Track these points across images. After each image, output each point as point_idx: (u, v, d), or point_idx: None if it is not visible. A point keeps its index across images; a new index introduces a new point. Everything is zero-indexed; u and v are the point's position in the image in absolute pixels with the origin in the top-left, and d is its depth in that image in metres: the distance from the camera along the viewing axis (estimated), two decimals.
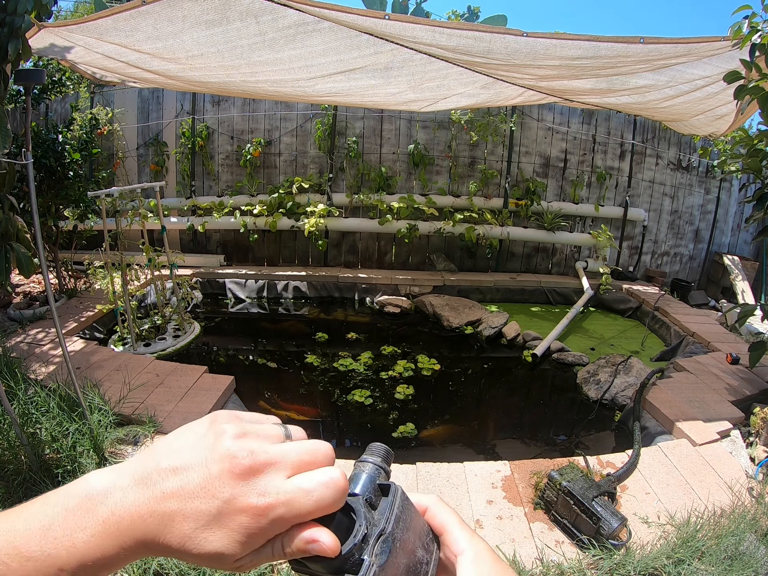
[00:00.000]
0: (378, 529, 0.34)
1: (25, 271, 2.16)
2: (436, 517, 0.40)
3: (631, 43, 2.41)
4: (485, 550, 0.38)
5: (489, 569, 0.38)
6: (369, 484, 0.38)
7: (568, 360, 4.20)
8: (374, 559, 0.33)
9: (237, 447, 0.32)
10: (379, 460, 0.41)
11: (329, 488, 0.32)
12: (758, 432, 2.75)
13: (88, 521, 0.31)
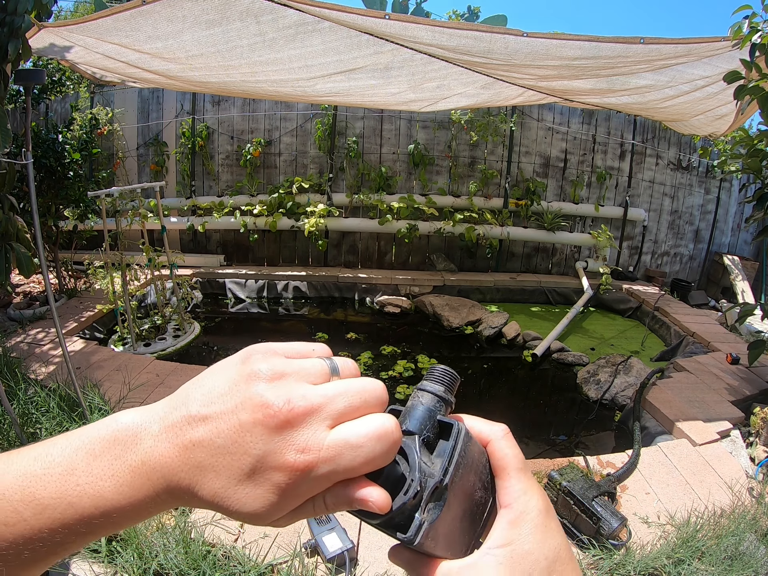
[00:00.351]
0: (434, 481, 0.30)
1: (25, 271, 2.16)
2: (495, 454, 0.34)
3: (631, 44, 2.41)
4: (534, 513, 0.32)
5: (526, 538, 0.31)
6: (427, 419, 0.33)
7: (568, 360, 4.20)
8: (426, 515, 0.29)
9: (271, 394, 0.27)
10: (441, 389, 0.35)
11: (380, 442, 0.28)
12: (758, 432, 2.75)
13: (117, 468, 0.28)
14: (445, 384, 0.35)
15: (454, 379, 0.36)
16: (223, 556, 1.77)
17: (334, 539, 1.81)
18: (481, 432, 0.35)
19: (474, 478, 0.32)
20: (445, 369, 0.37)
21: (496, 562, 0.30)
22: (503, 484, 0.33)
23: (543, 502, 0.33)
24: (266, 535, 1.89)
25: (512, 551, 0.31)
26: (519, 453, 0.34)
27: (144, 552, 1.73)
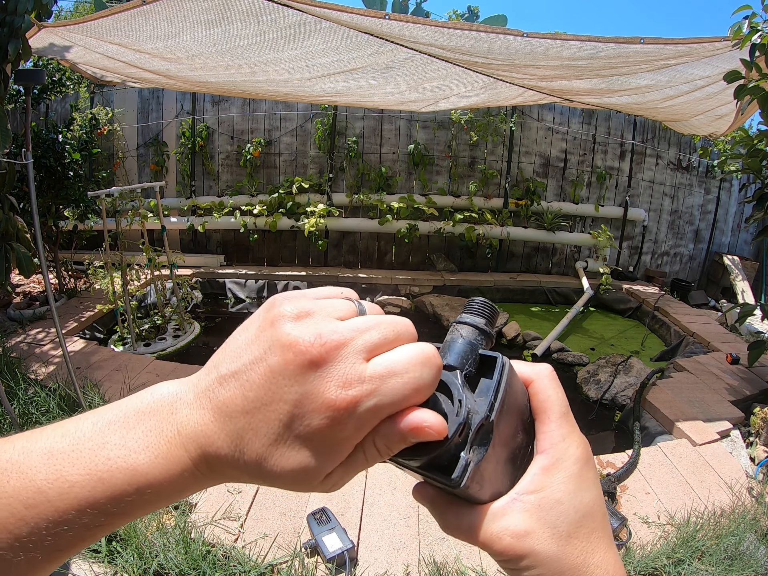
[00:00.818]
0: (480, 417, 0.28)
1: (25, 271, 2.16)
2: (538, 395, 0.32)
3: (631, 44, 2.41)
4: (571, 461, 0.30)
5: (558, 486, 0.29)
6: (470, 353, 0.30)
7: (568, 360, 4.20)
8: (471, 455, 0.27)
9: (299, 330, 0.25)
10: (482, 321, 0.32)
11: (425, 366, 0.26)
12: (758, 432, 2.75)
13: (152, 440, 0.26)
14: (486, 316, 0.33)
15: (495, 311, 0.34)
16: (223, 556, 1.77)
17: (334, 539, 1.81)
18: (522, 372, 0.33)
19: (516, 420, 0.31)
20: (485, 301, 0.34)
21: (523, 509, 0.29)
22: (543, 428, 0.31)
23: (583, 451, 0.31)
24: (266, 536, 1.90)
25: (541, 498, 0.29)
26: (563, 396, 0.32)
27: (144, 552, 1.73)
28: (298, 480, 0.26)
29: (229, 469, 0.26)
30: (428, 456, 0.27)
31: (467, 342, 0.31)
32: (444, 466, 0.27)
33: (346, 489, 2.17)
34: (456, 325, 0.33)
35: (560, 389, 0.32)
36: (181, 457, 0.26)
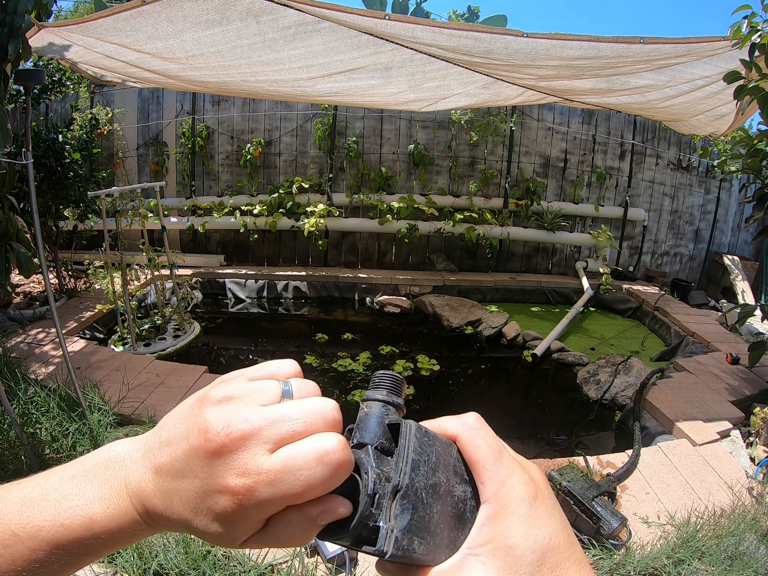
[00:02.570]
0: (391, 486, 0.28)
1: (25, 271, 2.16)
2: (466, 447, 0.32)
3: (631, 44, 2.41)
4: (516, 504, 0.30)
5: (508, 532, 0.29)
6: (377, 426, 0.31)
7: (568, 360, 4.20)
8: (393, 522, 0.27)
9: (214, 417, 0.27)
10: (384, 392, 0.34)
11: (321, 464, 0.26)
12: (758, 432, 2.75)
13: (105, 492, 0.30)
14: (387, 387, 0.34)
15: (396, 380, 0.35)
16: (223, 556, 1.77)
17: None
18: (447, 428, 0.33)
19: (446, 474, 0.31)
20: (385, 372, 0.35)
21: (479, 562, 0.29)
22: (480, 478, 0.31)
23: (527, 490, 0.30)
24: None
25: (494, 548, 0.29)
26: (492, 441, 0.32)
27: (144, 552, 1.73)
28: (217, 541, 0.28)
29: (165, 523, 0.30)
30: (347, 533, 0.28)
31: (374, 416, 0.32)
32: (372, 538, 0.28)
33: None
34: (363, 403, 0.34)
35: (488, 434, 0.32)
36: (128, 508, 0.30)
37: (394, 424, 0.32)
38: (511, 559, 0.29)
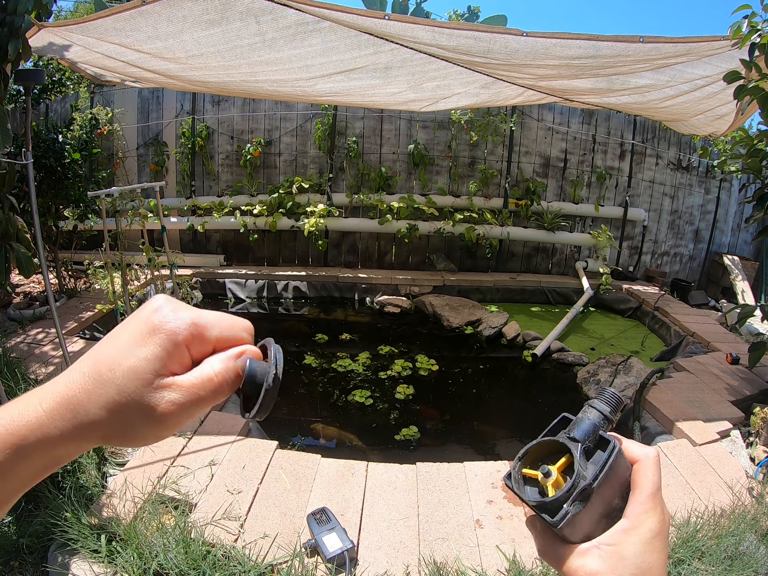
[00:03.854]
0: (585, 483, 0.37)
1: (25, 271, 2.16)
2: (638, 473, 0.40)
3: (630, 42, 2.41)
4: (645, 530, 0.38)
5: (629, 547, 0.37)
6: (591, 432, 0.40)
7: (568, 360, 4.20)
8: (572, 508, 0.36)
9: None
10: (607, 409, 0.42)
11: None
12: (758, 432, 2.75)
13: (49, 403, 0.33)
14: (612, 406, 0.42)
15: (620, 402, 0.43)
16: (223, 556, 1.77)
17: (334, 539, 1.81)
18: (633, 453, 0.41)
19: (616, 488, 0.39)
20: (614, 393, 0.43)
21: (599, 555, 0.37)
22: (633, 499, 0.39)
23: (659, 526, 0.39)
24: (266, 536, 1.89)
25: (614, 551, 0.37)
26: (657, 479, 0.40)
27: (144, 552, 1.73)
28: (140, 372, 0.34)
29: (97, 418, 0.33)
30: (542, 501, 0.38)
31: (592, 423, 0.41)
32: (551, 510, 0.37)
33: (347, 489, 2.17)
34: (587, 408, 0.42)
35: (658, 473, 0.41)
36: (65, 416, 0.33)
37: (605, 439, 0.40)
38: (621, 565, 0.37)
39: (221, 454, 2.35)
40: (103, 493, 2.07)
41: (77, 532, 1.80)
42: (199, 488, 2.12)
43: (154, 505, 1.98)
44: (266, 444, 2.45)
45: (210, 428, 2.56)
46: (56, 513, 1.87)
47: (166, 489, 2.10)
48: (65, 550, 1.81)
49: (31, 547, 1.86)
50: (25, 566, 1.82)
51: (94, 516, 1.91)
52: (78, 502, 1.93)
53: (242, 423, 2.61)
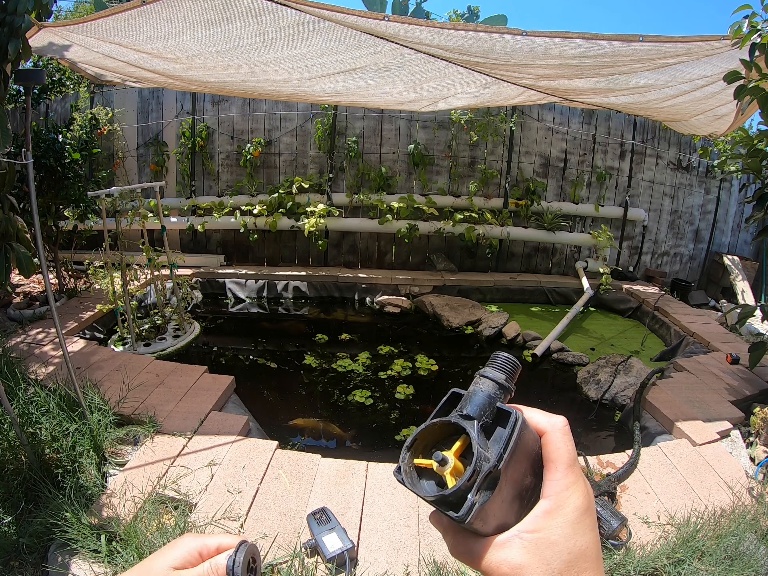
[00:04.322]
0: (489, 465, 0.32)
1: (25, 271, 2.16)
2: (549, 446, 0.35)
3: (630, 42, 2.41)
4: (570, 509, 0.34)
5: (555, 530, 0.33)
6: (486, 405, 0.34)
7: (568, 360, 4.20)
8: (477, 497, 0.31)
9: None
10: (502, 376, 0.36)
11: None
12: (758, 432, 2.75)
13: None
14: (507, 372, 0.37)
15: (516, 367, 0.37)
16: None
17: (334, 539, 1.81)
18: (538, 423, 0.36)
19: (526, 465, 0.34)
20: (508, 357, 0.37)
21: (521, 545, 0.33)
22: (550, 476, 0.35)
23: (584, 501, 0.34)
24: (266, 536, 1.89)
25: (539, 538, 0.33)
26: (572, 448, 0.36)
27: (144, 552, 1.73)
28: None
29: None
30: (441, 494, 0.32)
31: (487, 395, 0.35)
32: (454, 503, 0.32)
33: (347, 489, 2.17)
34: (479, 378, 0.37)
35: (570, 442, 0.36)
36: None
37: (504, 411, 0.35)
38: (549, 552, 0.32)
39: (221, 454, 2.35)
40: (103, 493, 2.07)
41: (77, 532, 1.80)
42: (199, 488, 2.12)
43: (154, 505, 1.98)
44: (266, 444, 2.45)
45: (210, 428, 2.56)
46: (56, 513, 1.87)
47: (166, 489, 2.10)
48: (65, 550, 1.81)
49: (31, 547, 1.86)
50: (25, 566, 1.82)
51: (94, 516, 1.91)
52: (78, 502, 1.93)
53: (242, 423, 2.61)
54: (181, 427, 2.54)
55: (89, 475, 2.16)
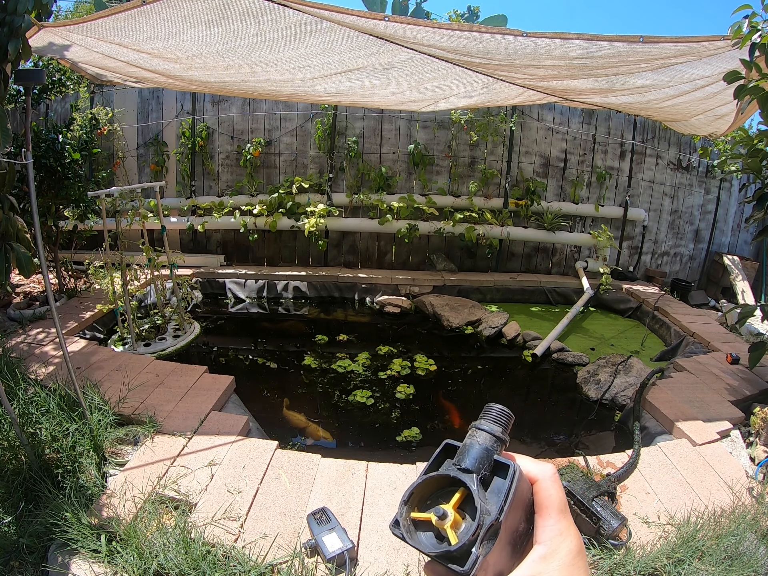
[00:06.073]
0: (490, 519, 0.33)
1: (25, 271, 2.16)
2: (540, 493, 0.37)
3: (630, 42, 2.41)
4: (564, 553, 0.35)
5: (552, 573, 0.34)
6: (485, 458, 0.36)
7: (568, 360, 4.20)
8: (482, 550, 0.32)
9: None
10: (498, 429, 0.37)
11: None
12: (758, 432, 2.75)
13: None
14: (502, 425, 0.38)
15: (510, 418, 0.39)
16: (223, 556, 1.77)
17: (334, 539, 1.82)
18: (529, 471, 0.38)
19: (521, 513, 0.35)
20: (502, 409, 0.39)
21: None
22: (542, 522, 0.36)
23: (576, 544, 0.36)
24: (266, 536, 1.90)
25: None
26: (562, 495, 0.37)
27: (144, 552, 1.73)
28: None
29: None
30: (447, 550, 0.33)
31: (484, 448, 0.36)
32: (459, 557, 0.32)
33: (347, 489, 2.17)
34: (475, 430, 0.37)
35: (561, 489, 0.38)
36: None
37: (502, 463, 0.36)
38: None
39: (221, 454, 2.35)
40: (103, 493, 2.07)
41: (77, 532, 1.80)
42: (199, 488, 2.12)
43: (154, 505, 1.98)
44: (266, 444, 2.45)
45: (210, 428, 2.56)
46: (56, 513, 1.87)
47: (166, 489, 2.10)
48: (65, 550, 1.81)
49: (31, 547, 1.86)
50: (25, 566, 1.82)
51: (94, 516, 1.91)
52: (78, 502, 1.93)
53: (242, 423, 2.61)
54: (181, 427, 2.54)
55: (89, 475, 2.16)
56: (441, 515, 0.34)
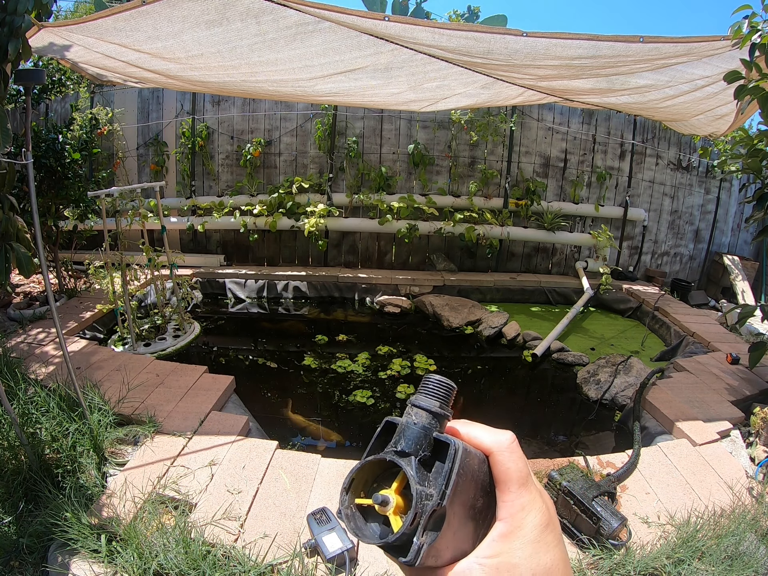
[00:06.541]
0: (431, 504, 0.30)
1: (25, 271, 2.16)
2: (497, 466, 0.33)
3: (630, 42, 2.41)
4: (529, 528, 0.32)
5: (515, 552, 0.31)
6: (422, 438, 0.32)
7: (568, 360, 4.20)
8: (424, 538, 0.29)
9: None
10: (436, 404, 0.33)
11: None
12: (758, 432, 2.75)
13: None
14: (440, 397, 0.34)
15: (450, 389, 0.35)
16: (223, 556, 1.77)
17: (334, 539, 1.82)
18: (483, 442, 0.34)
19: (474, 489, 0.32)
20: (440, 380, 0.35)
21: (482, 572, 0.31)
22: (503, 497, 0.33)
23: (542, 517, 0.33)
24: (266, 536, 1.90)
25: (499, 562, 0.31)
26: (522, 466, 0.34)
27: (144, 552, 1.73)
28: None
29: None
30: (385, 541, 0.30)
31: (421, 427, 0.32)
32: (402, 547, 0.30)
33: None
34: (411, 408, 0.34)
35: (520, 459, 0.34)
36: None
37: (443, 441, 0.32)
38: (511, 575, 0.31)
39: (221, 454, 2.35)
40: (103, 493, 2.07)
41: (77, 532, 1.80)
42: (199, 488, 2.12)
43: (154, 505, 1.98)
44: (266, 444, 2.45)
45: (210, 428, 2.56)
46: (56, 513, 1.87)
47: (166, 489, 2.10)
48: (65, 550, 1.81)
49: (31, 547, 1.86)
50: (25, 566, 1.82)
51: (94, 516, 1.91)
52: (78, 502, 1.93)
53: (242, 423, 2.61)
54: (181, 427, 2.54)
55: (89, 475, 2.16)
56: (381, 502, 0.31)
